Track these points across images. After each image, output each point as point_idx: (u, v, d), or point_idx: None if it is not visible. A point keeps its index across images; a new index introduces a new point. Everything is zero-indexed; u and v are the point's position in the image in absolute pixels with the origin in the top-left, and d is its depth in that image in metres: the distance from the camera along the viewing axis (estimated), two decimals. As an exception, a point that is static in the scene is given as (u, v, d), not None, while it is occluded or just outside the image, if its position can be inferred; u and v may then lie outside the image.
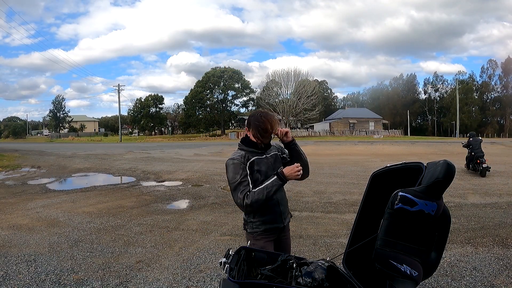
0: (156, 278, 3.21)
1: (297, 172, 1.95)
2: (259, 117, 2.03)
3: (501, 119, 65.36)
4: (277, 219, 2.09)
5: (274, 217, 2.07)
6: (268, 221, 2.06)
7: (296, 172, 1.95)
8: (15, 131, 62.78)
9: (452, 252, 3.80)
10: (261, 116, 2.04)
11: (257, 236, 2.07)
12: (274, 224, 2.07)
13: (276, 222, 2.08)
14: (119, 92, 50.80)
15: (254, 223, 2.08)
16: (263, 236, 2.05)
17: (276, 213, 2.08)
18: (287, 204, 2.21)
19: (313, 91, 52.08)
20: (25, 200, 7.00)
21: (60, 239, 4.43)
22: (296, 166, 1.96)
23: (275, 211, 2.08)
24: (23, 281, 3.15)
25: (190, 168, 12.20)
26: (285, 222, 2.14)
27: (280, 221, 2.09)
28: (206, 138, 49.24)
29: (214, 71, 58.33)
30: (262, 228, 2.05)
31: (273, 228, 2.08)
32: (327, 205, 6.27)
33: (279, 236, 2.14)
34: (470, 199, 6.64)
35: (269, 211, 2.06)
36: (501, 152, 18.69)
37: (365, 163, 13.13)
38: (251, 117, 2.08)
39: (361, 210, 1.88)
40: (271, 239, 2.07)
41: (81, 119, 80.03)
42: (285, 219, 2.14)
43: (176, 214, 5.81)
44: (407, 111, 63.43)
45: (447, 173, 1.34)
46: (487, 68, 67.03)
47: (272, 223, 2.07)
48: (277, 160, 2.14)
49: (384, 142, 32.07)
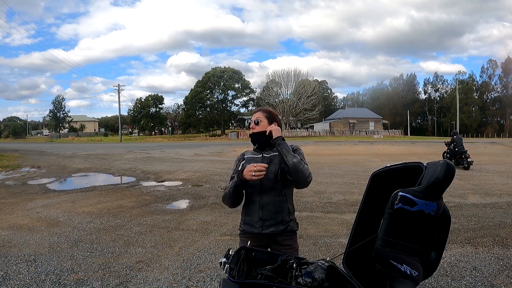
0: (156, 278, 3.21)
1: (250, 171, 1.81)
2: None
3: (501, 119, 65.39)
4: (254, 224, 1.97)
5: (251, 220, 1.99)
6: (247, 222, 2.01)
7: (249, 172, 1.81)
8: (15, 131, 62.80)
9: (452, 252, 3.80)
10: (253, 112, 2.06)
11: (240, 235, 2.07)
12: (251, 228, 1.98)
13: (253, 226, 1.98)
14: (119, 92, 50.85)
15: (240, 222, 2.09)
16: (242, 237, 2.03)
17: (255, 217, 1.98)
18: (280, 212, 1.96)
19: (313, 91, 52.12)
20: (25, 200, 7.00)
21: (60, 239, 4.43)
22: (253, 165, 1.83)
23: (254, 214, 1.98)
24: (23, 281, 3.15)
25: (190, 168, 12.20)
26: (264, 230, 1.95)
27: (257, 226, 1.96)
28: (206, 138, 49.26)
29: (214, 71, 58.35)
30: (242, 228, 2.04)
31: (250, 231, 1.98)
32: (327, 205, 6.27)
33: (268, 246, 1.98)
34: (470, 199, 6.64)
35: (249, 213, 2.00)
36: (501, 152, 18.70)
37: (365, 163, 13.13)
38: None
39: (361, 210, 1.87)
40: (252, 242, 1.92)
41: (81, 119, 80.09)
42: (265, 226, 1.95)
43: (176, 214, 5.81)
44: (407, 111, 63.45)
45: (447, 173, 1.34)
46: (487, 68, 67.12)
47: (250, 226, 1.99)
48: (275, 161, 1.97)
49: (384, 142, 32.08)
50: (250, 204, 2.01)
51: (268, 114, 2.08)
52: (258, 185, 1.96)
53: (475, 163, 12.34)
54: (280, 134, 1.94)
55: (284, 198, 1.98)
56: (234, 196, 1.95)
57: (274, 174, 1.96)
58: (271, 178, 1.96)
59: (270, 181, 1.96)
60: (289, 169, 1.85)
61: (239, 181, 1.88)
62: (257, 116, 2.06)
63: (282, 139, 1.91)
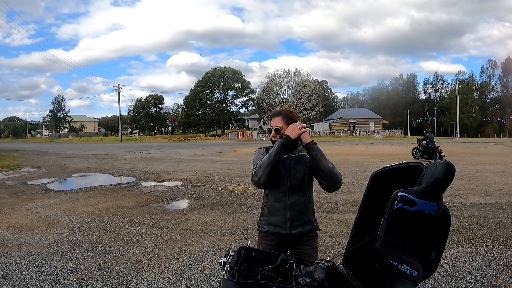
0: (156, 278, 3.21)
1: (296, 127, 1.81)
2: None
3: (501, 119, 65.42)
4: (281, 224, 1.92)
5: (278, 220, 1.92)
6: (271, 222, 1.95)
7: (295, 128, 1.81)
8: (15, 131, 62.81)
9: (452, 252, 3.80)
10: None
11: (261, 237, 2.01)
12: (277, 228, 1.93)
13: (280, 227, 1.92)
14: (119, 92, 50.86)
15: (261, 222, 2.01)
16: (264, 239, 1.97)
17: (282, 217, 1.92)
18: (305, 212, 1.95)
19: (313, 91, 52.14)
20: (25, 200, 7.00)
21: (60, 239, 4.43)
22: (294, 124, 1.85)
23: (281, 215, 1.92)
24: (23, 281, 3.15)
25: (190, 168, 12.20)
26: (292, 231, 1.92)
27: (284, 227, 1.91)
28: (206, 138, 49.28)
29: (214, 71, 58.36)
30: (265, 228, 1.97)
31: (275, 232, 1.93)
32: (327, 205, 6.27)
33: (291, 247, 1.96)
34: (470, 199, 6.64)
35: (276, 213, 1.93)
36: (501, 152, 18.70)
37: (365, 163, 13.13)
38: None
39: (361, 210, 1.87)
40: (273, 244, 1.93)
41: (81, 119, 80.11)
42: (292, 227, 1.92)
43: (176, 214, 5.81)
44: (407, 111, 63.47)
45: (447, 173, 1.34)
46: (486, 68, 67.21)
47: (275, 227, 1.93)
48: (302, 161, 1.95)
49: (384, 142, 32.08)
50: (275, 204, 1.95)
51: (288, 120, 1.98)
52: (286, 184, 1.93)
53: (475, 163, 12.34)
54: (309, 137, 1.86)
55: (309, 198, 1.98)
56: (275, 162, 1.81)
57: (302, 174, 1.94)
58: (299, 178, 1.93)
59: (297, 181, 1.93)
60: (324, 174, 1.84)
61: (286, 141, 1.80)
62: (277, 124, 1.98)
63: (314, 143, 1.85)
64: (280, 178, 1.93)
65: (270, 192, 1.98)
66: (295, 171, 1.93)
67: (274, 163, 1.82)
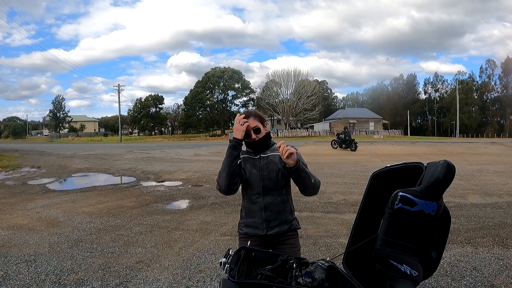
0: (156, 278, 3.21)
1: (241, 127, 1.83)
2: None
3: (501, 119, 65.40)
4: (258, 225, 1.93)
5: (255, 222, 1.94)
6: (249, 224, 1.97)
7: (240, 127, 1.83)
8: (15, 131, 62.80)
9: (452, 252, 3.80)
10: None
11: (241, 238, 2.03)
12: (255, 230, 1.94)
13: (257, 228, 1.94)
14: (119, 92, 50.84)
15: (240, 224, 2.04)
16: (243, 240, 1.97)
17: (259, 218, 1.93)
18: (282, 212, 1.94)
19: (313, 91, 52.16)
20: (25, 200, 7.00)
21: (60, 239, 4.43)
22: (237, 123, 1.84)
23: (257, 216, 1.94)
24: (23, 281, 3.15)
25: (190, 168, 12.20)
26: (269, 231, 1.93)
27: (261, 228, 1.93)
28: (206, 138, 49.29)
29: (214, 71, 58.34)
30: (244, 230, 2.00)
31: (253, 234, 1.94)
32: (327, 205, 6.27)
33: (272, 247, 1.96)
34: (470, 199, 6.64)
35: (252, 214, 1.95)
36: (501, 152, 18.69)
37: (365, 163, 13.12)
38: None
39: (361, 210, 1.88)
40: (254, 245, 1.89)
41: (81, 119, 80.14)
42: (269, 227, 1.93)
43: (176, 214, 5.81)
44: (407, 111, 63.45)
45: (447, 173, 1.34)
46: (486, 68, 67.14)
47: (253, 228, 1.95)
48: (274, 161, 1.93)
49: (384, 142, 32.07)
50: (251, 205, 1.96)
51: (260, 118, 2.00)
52: (260, 185, 1.93)
53: (475, 163, 12.34)
54: (294, 159, 1.76)
55: (285, 197, 1.97)
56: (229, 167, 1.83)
57: (276, 174, 1.92)
58: (272, 178, 1.93)
59: (271, 182, 1.93)
60: (306, 189, 1.86)
61: (235, 141, 1.83)
62: (254, 124, 1.95)
63: (299, 164, 1.79)
64: (252, 180, 1.93)
65: (246, 194, 1.99)
66: (268, 171, 1.92)
67: (228, 168, 1.84)
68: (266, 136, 1.99)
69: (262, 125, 1.98)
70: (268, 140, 1.99)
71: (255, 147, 1.97)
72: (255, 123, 1.95)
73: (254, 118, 1.95)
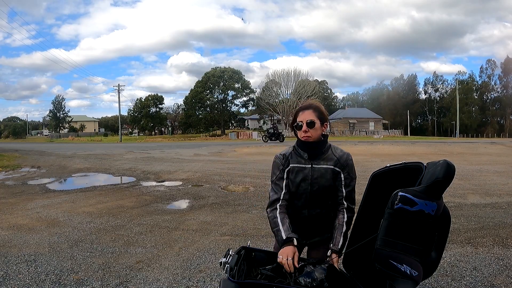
0: (156, 278, 3.21)
1: (284, 262, 1.61)
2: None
3: (501, 119, 65.43)
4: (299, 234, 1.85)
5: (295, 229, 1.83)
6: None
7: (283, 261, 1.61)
8: (15, 131, 62.79)
9: (452, 252, 3.80)
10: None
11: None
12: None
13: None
14: (119, 92, 50.80)
15: None
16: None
17: (298, 227, 1.87)
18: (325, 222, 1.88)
19: (313, 91, 52.14)
20: (25, 200, 7.00)
21: (60, 239, 4.43)
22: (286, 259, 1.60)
23: (298, 225, 1.88)
24: (23, 281, 3.15)
25: (190, 168, 12.19)
26: (309, 240, 1.93)
27: (302, 237, 1.88)
28: (206, 138, 49.20)
29: (214, 71, 58.34)
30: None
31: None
32: (327, 205, 6.27)
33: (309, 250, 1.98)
34: (470, 199, 6.63)
35: (294, 221, 1.87)
36: (501, 152, 18.69)
37: (365, 163, 13.12)
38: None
39: (361, 210, 1.88)
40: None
41: (81, 119, 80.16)
42: (310, 237, 1.92)
43: (176, 214, 5.80)
44: (407, 111, 63.46)
45: (447, 173, 1.34)
46: (486, 68, 67.17)
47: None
48: (326, 176, 1.80)
49: (384, 142, 32.06)
50: (295, 216, 1.89)
51: (320, 114, 1.81)
52: (307, 199, 1.86)
53: (475, 163, 12.34)
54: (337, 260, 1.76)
55: (330, 209, 1.90)
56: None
57: (325, 192, 1.85)
58: (321, 195, 1.86)
59: (318, 197, 1.86)
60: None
61: (279, 244, 1.73)
62: (308, 116, 1.78)
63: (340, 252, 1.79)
64: (300, 192, 1.86)
65: (292, 204, 1.91)
66: (318, 186, 1.82)
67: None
68: (321, 140, 1.83)
69: (320, 122, 1.80)
70: (324, 145, 1.84)
71: (307, 150, 1.82)
72: (311, 117, 1.78)
73: (312, 111, 1.79)
